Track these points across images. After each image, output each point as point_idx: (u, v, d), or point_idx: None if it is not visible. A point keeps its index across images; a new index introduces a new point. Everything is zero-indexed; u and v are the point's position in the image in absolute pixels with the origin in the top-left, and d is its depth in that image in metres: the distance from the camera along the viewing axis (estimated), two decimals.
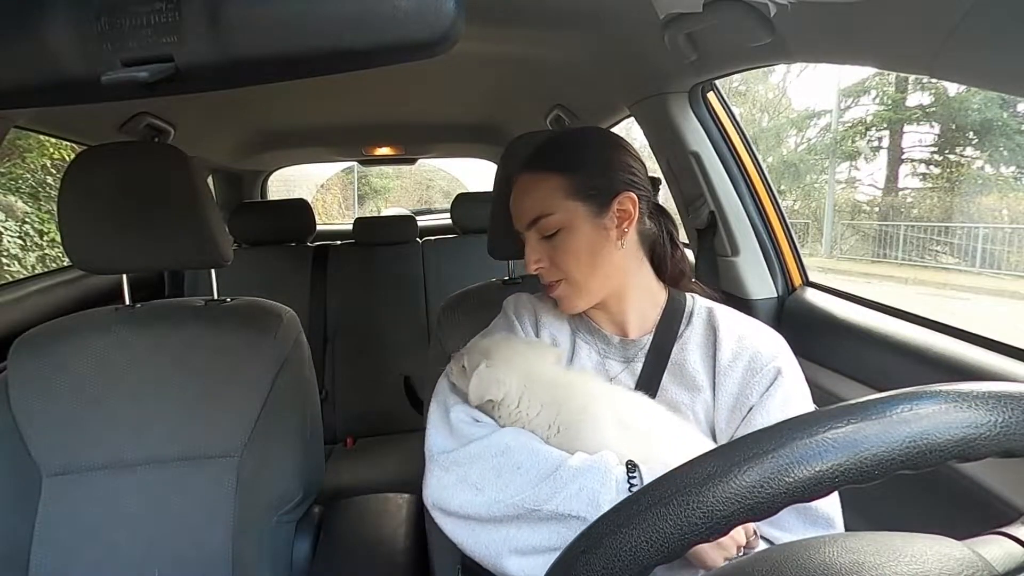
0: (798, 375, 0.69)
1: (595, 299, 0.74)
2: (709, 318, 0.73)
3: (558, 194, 0.71)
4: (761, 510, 0.27)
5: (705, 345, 0.72)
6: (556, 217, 0.71)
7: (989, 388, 0.29)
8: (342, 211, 12.07)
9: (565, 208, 0.71)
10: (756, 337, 0.71)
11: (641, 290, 0.75)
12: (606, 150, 0.74)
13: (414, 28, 0.38)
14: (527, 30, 1.11)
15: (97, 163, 0.93)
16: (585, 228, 0.71)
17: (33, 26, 0.40)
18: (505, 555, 0.58)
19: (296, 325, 1.05)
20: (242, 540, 0.93)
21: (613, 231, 0.71)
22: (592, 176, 0.71)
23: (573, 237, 0.71)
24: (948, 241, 7.64)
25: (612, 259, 0.72)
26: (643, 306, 0.75)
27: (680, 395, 0.70)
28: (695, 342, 0.72)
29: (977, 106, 7.77)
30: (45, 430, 0.91)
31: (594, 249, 0.71)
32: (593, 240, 0.71)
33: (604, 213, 0.71)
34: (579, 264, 0.71)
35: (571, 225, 0.71)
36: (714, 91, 1.20)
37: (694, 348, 0.71)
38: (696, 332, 0.73)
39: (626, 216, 0.71)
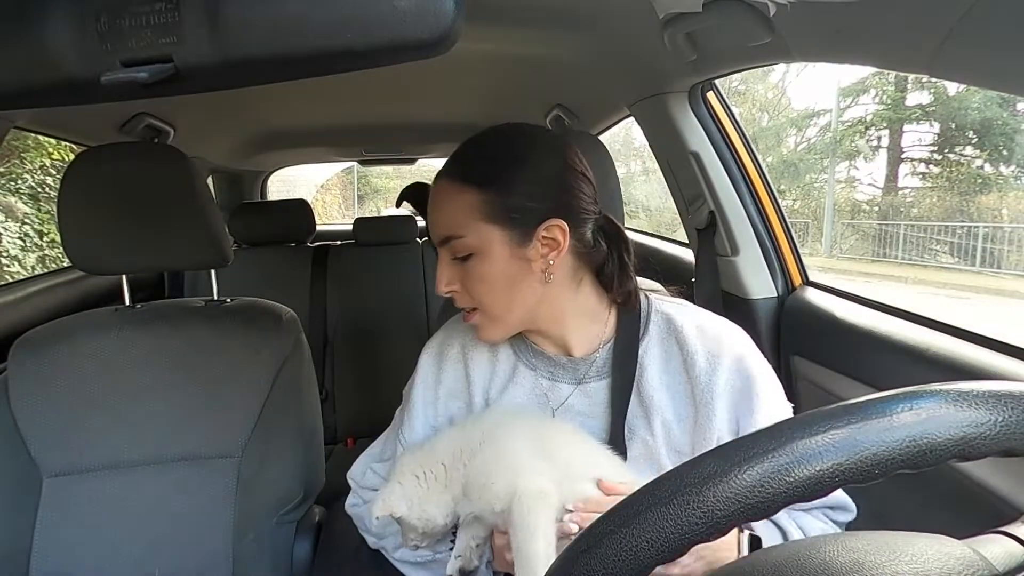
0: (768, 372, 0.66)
1: (516, 330, 0.67)
2: (668, 327, 0.67)
3: (473, 214, 0.61)
4: (761, 510, 0.27)
5: (665, 358, 0.66)
6: (468, 240, 0.62)
7: (989, 387, 0.29)
8: (342, 211, 12.07)
9: (479, 231, 0.61)
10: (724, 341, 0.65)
11: (581, 313, 0.67)
12: (541, 165, 0.63)
13: (414, 28, 0.38)
14: (527, 30, 1.11)
15: (97, 164, 0.93)
16: (502, 257, 0.61)
17: (33, 26, 0.40)
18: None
19: (296, 325, 1.05)
20: (242, 541, 0.93)
21: (537, 262, 0.62)
22: (516, 196, 0.61)
23: (487, 265, 0.62)
24: (948, 240, 7.65)
25: (534, 291, 0.63)
26: (585, 326, 0.68)
27: (637, 415, 0.65)
28: (652, 355, 0.66)
29: (977, 105, 7.77)
30: (45, 431, 0.91)
31: (512, 281, 0.62)
32: (511, 271, 0.62)
33: (527, 242, 0.61)
34: (493, 295, 0.63)
35: (485, 252, 0.62)
36: (714, 91, 1.20)
37: (651, 363, 0.66)
38: (653, 343, 0.67)
39: (553, 246, 0.62)
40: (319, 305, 2.08)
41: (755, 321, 1.16)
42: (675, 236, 1.92)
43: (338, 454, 1.87)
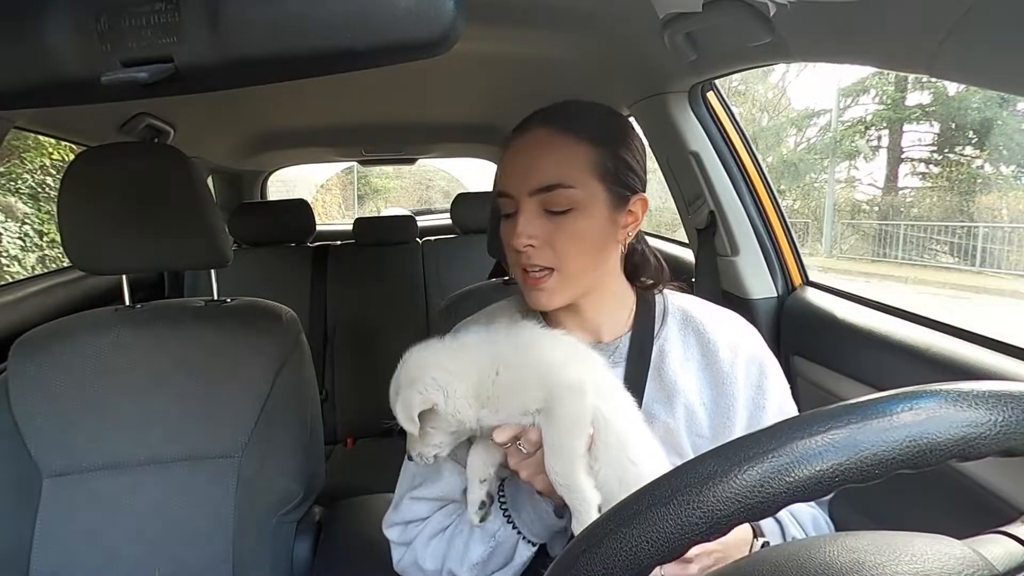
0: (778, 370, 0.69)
1: (575, 298, 0.65)
2: (685, 318, 0.69)
3: (584, 167, 0.60)
4: (761, 510, 0.27)
5: (685, 346, 0.68)
6: (575, 193, 0.60)
7: (989, 387, 0.29)
8: (342, 211, 12.08)
9: (588, 186, 0.60)
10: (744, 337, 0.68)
11: (614, 294, 0.69)
12: (636, 142, 0.65)
13: (414, 28, 0.38)
14: (527, 30, 1.11)
15: (97, 164, 0.93)
16: (600, 216, 0.61)
17: (33, 26, 0.40)
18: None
19: (296, 325, 1.05)
20: (243, 541, 0.93)
21: (620, 231, 0.64)
22: (623, 162, 0.62)
23: (586, 222, 0.60)
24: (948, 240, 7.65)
25: (608, 260, 0.65)
26: (615, 309, 0.69)
27: (658, 399, 0.66)
28: (673, 343, 0.68)
29: (977, 105, 7.77)
30: (45, 431, 0.91)
31: (602, 244, 0.62)
32: (604, 233, 0.62)
33: (620, 209, 0.62)
34: (580, 254, 0.61)
35: (587, 208, 0.60)
36: (714, 91, 1.20)
37: (672, 350, 0.67)
38: (672, 332, 0.68)
39: (633, 220, 0.64)
40: (319, 305, 2.08)
41: (755, 321, 1.16)
42: (675, 236, 1.92)
43: (338, 454, 1.87)
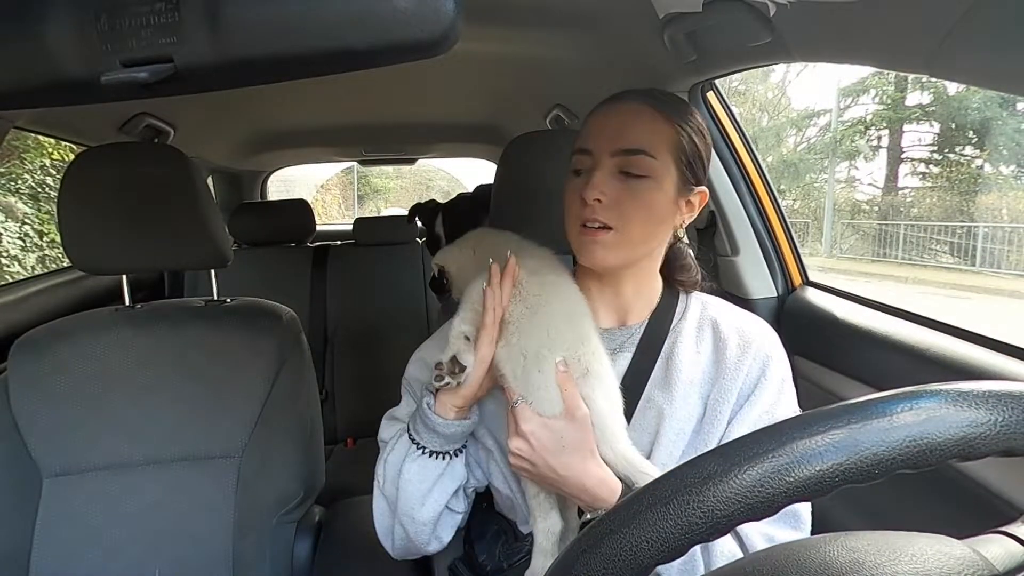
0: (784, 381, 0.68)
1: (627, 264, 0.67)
2: (705, 315, 0.71)
3: (667, 143, 0.64)
4: (761, 510, 0.27)
5: (698, 338, 0.69)
6: (655, 163, 0.63)
7: (989, 387, 0.29)
8: (342, 211, 12.08)
9: (666, 161, 0.64)
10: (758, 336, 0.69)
11: (649, 279, 0.72)
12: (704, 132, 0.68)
13: (413, 28, 0.38)
14: (527, 30, 1.11)
15: (97, 164, 0.93)
16: (668, 192, 0.65)
17: (33, 26, 0.40)
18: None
19: (296, 325, 1.05)
20: (243, 541, 0.93)
21: (678, 215, 0.67)
22: (695, 151, 0.66)
23: (657, 193, 0.64)
24: (948, 240, 7.65)
25: (662, 238, 0.68)
26: (646, 296, 0.72)
27: (660, 386, 0.67)
28: (687, 336, 0.69)
29: (977, 105, 7.78)
30: (45, 431, 0.91)
31: (662, 219, 0.66)
32: (666, 208, 0.65)
33: (685, 192, 0.66)
34: (643, 222, 0.65)
35: (660, 180, 0.64)
36: (714, 91, 1.20)
37: (684, 342, 0.69)
38: (689, 326, 0.70)
39: (690, 209, 0.68)
40: (319, 305, 2.08)
41: None
42: None
43: (338, 454, 1.87)
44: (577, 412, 0.60)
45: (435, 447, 0.67)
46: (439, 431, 0.65)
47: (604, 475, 0.60)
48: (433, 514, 0.69)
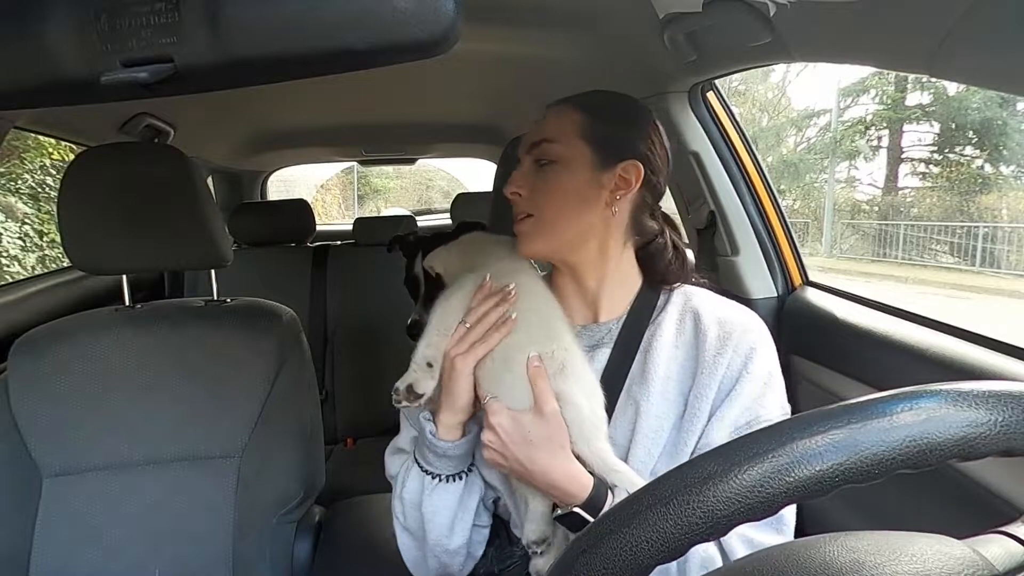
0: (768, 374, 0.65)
1: (554, 250, 0.69)
2: (687, 308, 0.69)
3: (571, 128, 0.67)
4: (761, 510, 0.27)
5: (678, 332, 0.67)
6: (558, 147, 0.67)
7: (989, 387, 0.29)
8: (342, 211, 12.08)
9: (571, 144, 0.66)
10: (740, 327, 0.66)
11: (617, 274, 0.70)
12: (637, 115, 0.70)
13: (413, 28, 0.38)
14: (527, 30, 1.11)
15: (97, 164, 0.93)
16: (580, 173, 0.66)
17: (33, 26, 0.40)
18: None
19: (296, 325, 1.05)
20: (243, 541, 0.93)
21: (606, 193, 0.66)
22: (611, 126, 0.67)
23: (566, 175, 0.66)
24: (948, 240, 7.65)
25: (592, 219, 0.67)
26: (617, 289, 0.70)
27: (638, 382, 0.66)
28: (666, 329, 0.67)
29: (977, 105, 7.78)
30: (45, 431, 0.91)
31: (580, 200, 0.66)
32: (583, 190, 0.66)
33: (606, 170, 0.66)
34: (557, 206, 0.66)
35: (569, 162, 0.66)
36: (714, 91, 1.20)
37: (664, 336, 0.67)
38: (669, 320, 0.68)
39: (624, 185, 0.66)
40: (319, 305, 2.08)
41: None
42: None
43: (338, 454, 1.87)
44: (545, 407, 0.61)
45: (449, 471, 0.67)
46: (450, 455, 0.65)
47: (573, 471, 0.60)
48: (464, 538, 0.69)
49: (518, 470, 0.62)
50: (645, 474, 0.63)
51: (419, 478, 0.67)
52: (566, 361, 0.63)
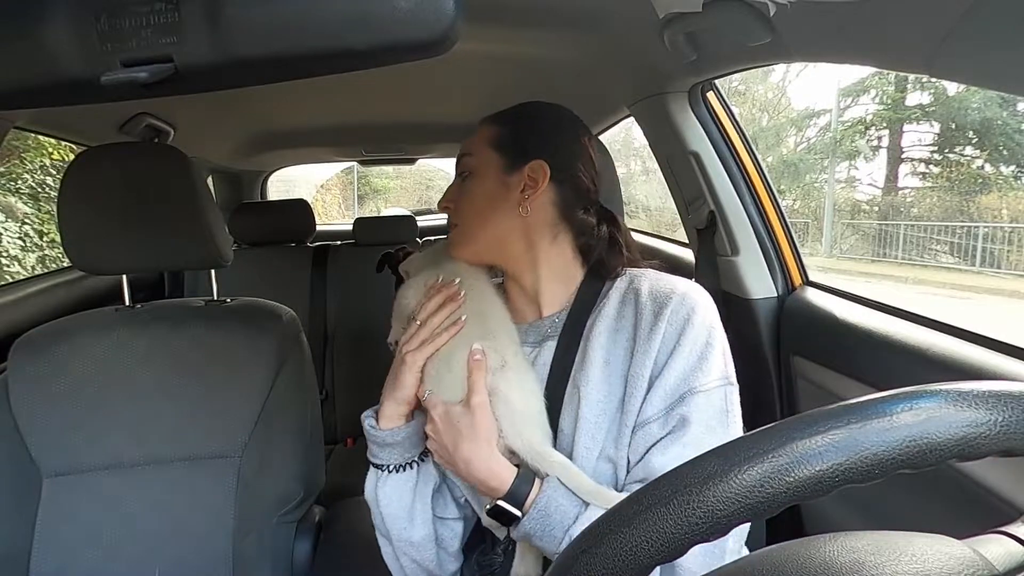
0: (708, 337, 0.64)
1: (482, 254, 0.72)
2: (629, 291, 0.69)
3: (483, 140, 0.72)
4: (761, 510, 0.27)
5: (618, 317, 0.67)
6: (471, 159, 0.72)
7: (989, 387, 0.29)
8: (342, 211, 12.08)
9: (482, 154, 0.71)
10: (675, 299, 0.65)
11: (552, 268, 0.72)
12: (552, 126, 0.72)
13: (414, 28, 0.38)
14: (527, 30, 1.11)
15: (97, 164, 0.93)
16: (490, 179, 0.70)
17: (33, 26, 0.40)
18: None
19: (296, 325, 1.05)
20: (243, 541, 0.93)
21: (515, 194, 0.69)
22: (517, 132, 0.71)
23: (477, 183, 0.71)
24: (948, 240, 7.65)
25: (508, 222, 0.70)
26: (555, 284, 0.72)
27: (583, 369, 0.66)
28: (607, 315, 0.68)
29: (977, 105, 7.78)
30: (45, 431, 0.91)
31: (492, 203, 0.70)
32: (493, 194, 0.70)
33: (513, 172, 0.69)
34: (473, 212, 0.71)
35: (480, 172, 0.71)
36: (714, 91, 1.20)
37: (604, 321, 0.67)
38: (611, 305, 0.68)
39: (532, 185, 0.69)
40: (319, 305, 2.07)
41: (755, 321, 1.16)
42: (675, 236, 1.92)
43: (338, 454, 1.87)
44: (473, 399, 0.63)
45: (396, 460, 0.70)
46: (390, 442, 0.68)
47: (495, 467, 0.62)
48: (427, 529, 0.70)
49: (449, 461, 0.65)
50: (591, 459, 0.64)
51: (373, 474, 0.71)
52: (506, 358, 0.66)
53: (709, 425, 0.60)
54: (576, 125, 0.74)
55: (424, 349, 0.67)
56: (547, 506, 0.60)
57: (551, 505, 0.60)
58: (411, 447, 0.70)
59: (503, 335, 0.68)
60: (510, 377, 0.65)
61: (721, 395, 0.62)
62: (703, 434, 0.60)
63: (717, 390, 0.62)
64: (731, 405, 0.62)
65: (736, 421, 0.62)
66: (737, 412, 0.63)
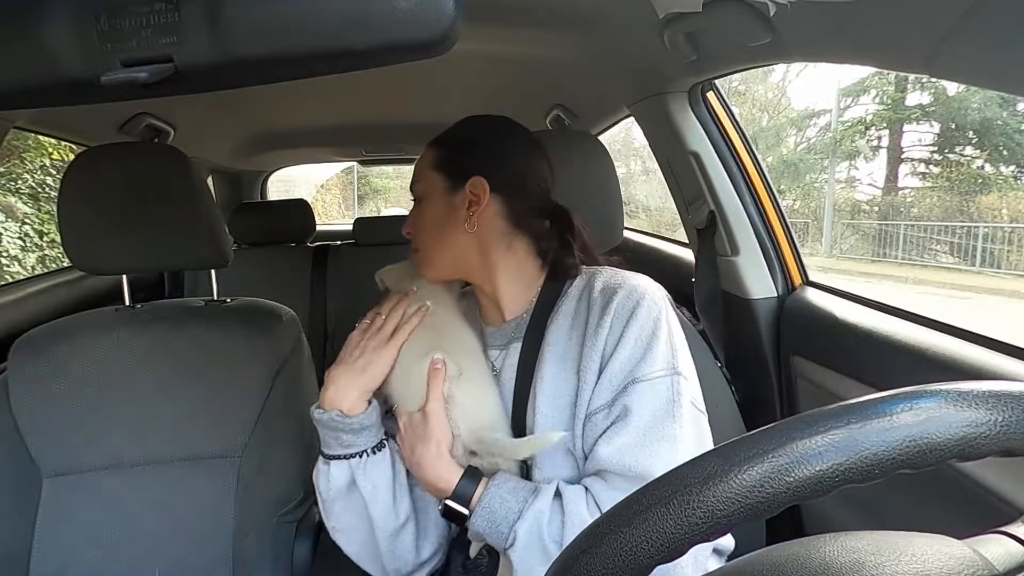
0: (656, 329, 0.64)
1: (444, 273, 0.75)
2: (586, 288, 0.70)
3: (429, 164, 0.73)
4: (761, 510, 0.27)
5: (574, 315, 0.69)
6: (419, 185, 0.74)
7: (989, 387, 0.29)
8: (342, 211, 12.09)
9: (427, 178, 0.73)
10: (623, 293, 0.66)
11: (511, 274, 0.73)
12: (492, 141, 0.73)
13: (414, 28, 0.38)
14: (527, 30, 1.11)
15: (97, 164, 0.93)
16: (437, 201, 0.72)
17: (33, 26, 0.40)
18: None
19: (296, 325, 1.05)
20: (243, 541, 0.93)
21: (462, 212, 0.70)
22: (456, 151, 0.72)
23: (427, 208, 0.73)
24: (948, 240, 7.65)
25: (460, 239, 0.71)
26: (515, 288, 0.73)
27: (545, 367, 0.67)
28: (564, 314, 0.70)
29: (977, 105, 7.77)
30: (45, 431, 0.91)
31: (441, 224, 0.72)
32: (441, 215, 0.72)
33: (456, 192, 0.71)
34: (426, 235, 0.74)
35: (428, 196, 0.73)
36: (714, 91, 1.20)
37: (561, 319, 0.69)
38: (568, 304, 0.70)
39: (475, 201, 0.70)
40: (319, 305, 2.08)
41: (755, 321, 1.16)
42: (675, 236, 1.92)
43: None
44: (428, 406, 0.67)
45: (371, 442, 0.71)
46: (367, 424, 0.70)
47: (441, 469, 0.65)
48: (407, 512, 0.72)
49: (409, 465, 0.69)
50: (552, 453, 0.65)
51: (343, 467, 0.71)
52: (462, 368, 0.70)
53: (654, 415, 0.61)
54: (513, 133, 0.75)
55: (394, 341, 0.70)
56: (491, 503, 0.62)
57: (495, 502, 0.62)
58: (379, 426, 0.72)
59: (459, 345, 0.72)
60: (465, 387, 0.69)
61: (667, 384, 0.62)
62: (648, 424, 0.60)
63: (662, 380, 0.62)
64: (678, 395, 0.62)
65: (684, 411, 0.62)
66: (686, 402, 0.63)
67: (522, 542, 0.59)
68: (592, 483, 0.62)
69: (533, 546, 0.59)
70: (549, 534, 0.59)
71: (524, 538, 0.59)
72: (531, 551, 0.59)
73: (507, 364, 0.72)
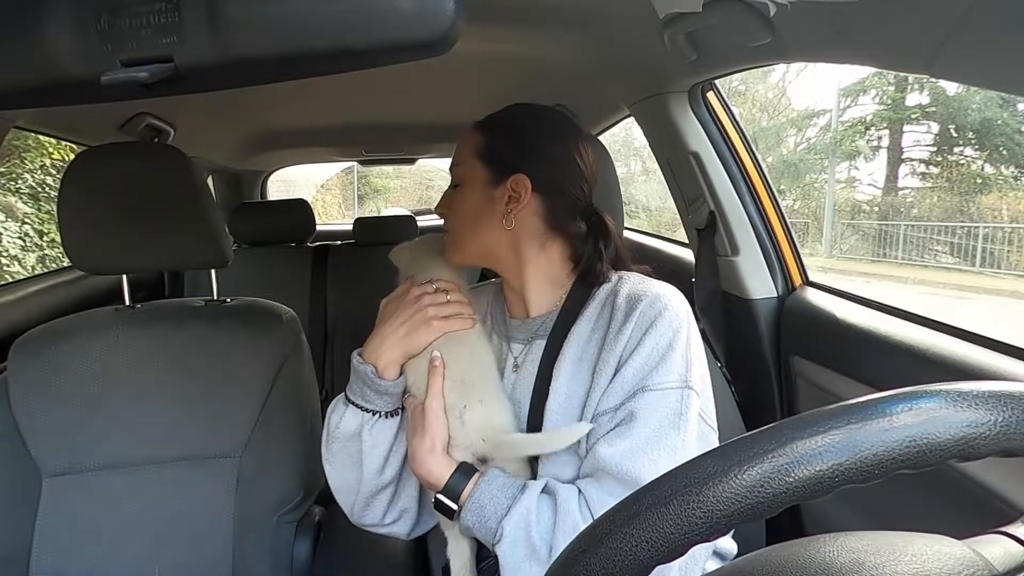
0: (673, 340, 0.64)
1: (471, 261, 0.75)
2: (611, 293, 0.70)
3: (471, 150, 0.72)
4: (761, 510, 0.27)
5: (597, 318, 0.69)
6: (459, 169, 0.73)
7: (989, 387, 0.29)
8: (342, 211, 12.08)
9: (468, 164, 0.72)
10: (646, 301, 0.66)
11: (541, 274, 0.73)
12: (537, 134, 0.72)
13: (414, 28, 0.38)
14: (527, 30, 1.11)
15: (97, 163, 0.93)
16: (476, 191, 0.71)
17: (33, 26, 0.40)
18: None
19: (296, 325, 1.05)
20: (242, 541, 0.93)
21: (500, 207, 0.70)
22: (503, 144, 0.71)
23: (464, 195, 0.73)
24: (948, 240, 7.65)
25: (493, 233, 0.71)
26: (544, 287, 0.73)
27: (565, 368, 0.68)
28: (588, 316, 0.70)
29: (977, 106, 7.77)
30: (45, 431, 0.91)
31: (477, 215, 0.71)
32: (478, 206, 0.71)
33: (496, 186, 0.70)
34: (460, 222, 0.73)
35: (468, 183, 0.72)
36: (714, 91, 1.20)
37: (585, 322, 0.69)
38: (593, 307, 0.70)
39: (515, 199, 0.69)
40: (319, 305, 2.07)
41: (755, 321, 1.16)
42: (675, 236, 1.92)
43: None
44: (427, 402, 0.68)
45: (388, 407, 0.72)
46: (393, 392, 0.71)
47: (433, 465, 0.66)
48: (394, 472, 0.73)
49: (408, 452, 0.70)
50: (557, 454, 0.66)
51: (357, 415, 0.71)
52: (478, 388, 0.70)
53: (660, 424, 0.61)
54: (565, 131, 0.73)
55: (452, 321, 0.70)
56: (480, 498, 0.62)
57: (484, 498, 0.62)
58: (400, 397, 0.73)
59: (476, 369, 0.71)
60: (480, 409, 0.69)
61: (676, 397, 0.62)
62: (652, 432, 0.60)
63: (673, 391, 0.62)
64: (686, 408, 0.62)
65: (690, 425, 0.62)
66: (693, 416, 0.63)
67: (509, 538, 0.60)
68: (586, 485, 0.62)
69: (519, 542, 0.60)
70: (538, 531, 0.60)
71: (511, 534, 0.60)
72: (517, 547, 0.60)
73: (529, 360, 0.72)
